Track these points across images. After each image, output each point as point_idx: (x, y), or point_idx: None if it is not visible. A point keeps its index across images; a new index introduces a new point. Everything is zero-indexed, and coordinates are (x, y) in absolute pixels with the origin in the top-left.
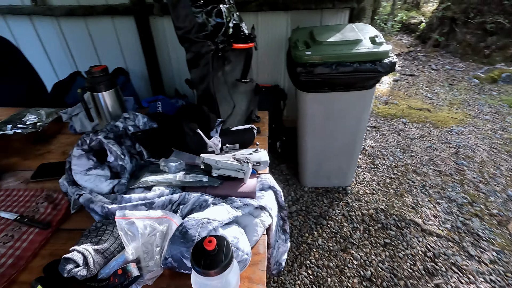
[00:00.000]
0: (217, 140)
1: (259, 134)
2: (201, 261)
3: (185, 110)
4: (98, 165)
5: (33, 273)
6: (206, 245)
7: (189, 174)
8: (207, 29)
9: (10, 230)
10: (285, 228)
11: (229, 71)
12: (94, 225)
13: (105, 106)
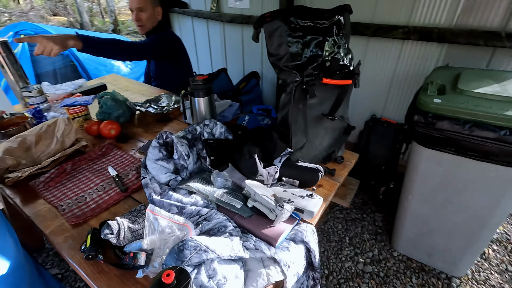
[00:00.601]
0: (273, 170)
1: (331, 177)
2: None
3: (256, 132)
4: (165, 158)
5: (96, 224)
6: (164, 278)
7: (228, 195)
8: (300, 60)
9: (106, 182)
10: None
11: (314, 105)
12: (139, 207)
13: (198, 109)
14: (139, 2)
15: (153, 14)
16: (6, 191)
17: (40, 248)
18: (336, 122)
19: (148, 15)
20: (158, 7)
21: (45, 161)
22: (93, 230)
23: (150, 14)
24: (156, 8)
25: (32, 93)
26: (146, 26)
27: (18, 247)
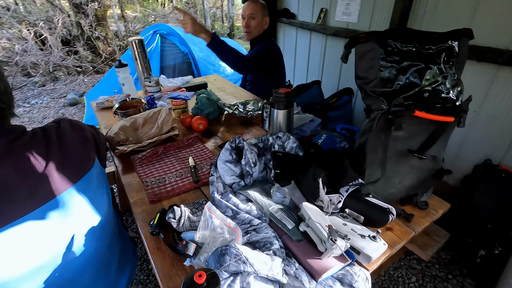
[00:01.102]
0: (336, 199)
1: (407, 222)
2: None
3: (328, 154)
4: (234, 161)
5: (167, 205)
6: (196, 279)
7: (283, 212)
8: (390, 86)
9: (184, 170)
10: None
11: (400, 138)
12: (201, 200)
13: (276, 120)
14: (251, 10)
15: (261, 22)
16: (115, 159)
17: (129, 210)
18: (425, 162)
19: (256, 23)
20: (266, 17)
21: (145, 141)
22: (162, 210)
23: (259, 22)
24: (264, 17)
25: (151, 83)
26: (253, 33)
27: (110, 207)
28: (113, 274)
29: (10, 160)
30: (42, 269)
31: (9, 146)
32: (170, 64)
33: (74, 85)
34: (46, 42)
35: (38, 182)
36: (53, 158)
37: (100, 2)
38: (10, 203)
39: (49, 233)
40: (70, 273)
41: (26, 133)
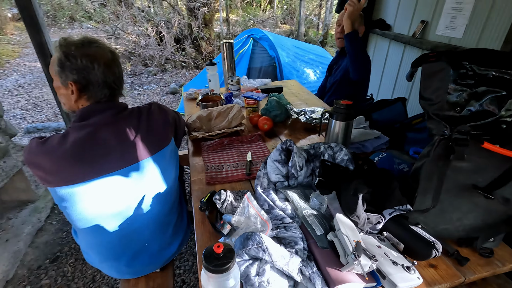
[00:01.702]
0: (375, 219)
1: (458, 265)
2: (209, 261)
3: (378, 173)
4: (282, 161)
5: (218, 189)
6: (215, 248)
7: (315, 218)
8: (459, 111)
9: (241, 163)
10: None
11: (465, 170)
12: (247, 191)
13: (332, 130)
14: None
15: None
16: (189, 142)
17: None
18: (493, 203)
19: None
20: (362, 26)
21: (215, 131)
22: (212, 192)
23: None
24: (360, 26)
25: (233, 82)
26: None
27: (176, 180)
28: (168, 236)
29: (113, 127)
30: (118, 215)
31: (114, 117)
32: (257, 66)
33: (177, 77)
34: (163, 39)
35: (128, 147)
36: (141, 131)
37: (209, 8)
38: (107, 160)
39: (128, 189)
40: (137, 224)
41: (126, 109)
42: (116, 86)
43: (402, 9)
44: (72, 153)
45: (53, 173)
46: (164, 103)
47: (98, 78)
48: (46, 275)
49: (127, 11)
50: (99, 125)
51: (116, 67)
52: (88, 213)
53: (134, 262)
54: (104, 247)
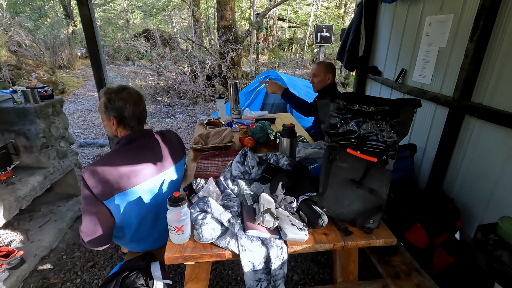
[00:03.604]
0: (289, 199)
1: (344, 236)
2: (171, 199)
3: (302, 172)
4: (241, 162)
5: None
6: (175, 194)
7: (250, 195)
8: (337, 130)
9: (223, 166)
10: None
11: (345, 168)
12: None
13: (281, 145)
14: (315, 70)
15: (324, 79)
16: (191, 153)
17: None
18: (365, 193)
19: (319, 80)
20: (329, 74)
21: (210, 145)
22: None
23: (321, 79)
24: (327, 74)
25: (235, 112)
26: (316, 87)
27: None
28: None
29: (148, 148)
30: (150, 192)
31: (147, 141)
32: (271, 102)
33: (205, 108)
34: (197, 76)
35: (161, 159)
36: (167, 148)
37: (236, 52)
38: (147, 169)
39: (159, 182)
40: (158, 203)
41: (153, 133)
42: (142, 117)
43: (389, 58)
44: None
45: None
46: (189, 130)
47: (130, 113)
48: (78, 250)
49: (169, 53)
50: (141, 147)
51: (141, 104)
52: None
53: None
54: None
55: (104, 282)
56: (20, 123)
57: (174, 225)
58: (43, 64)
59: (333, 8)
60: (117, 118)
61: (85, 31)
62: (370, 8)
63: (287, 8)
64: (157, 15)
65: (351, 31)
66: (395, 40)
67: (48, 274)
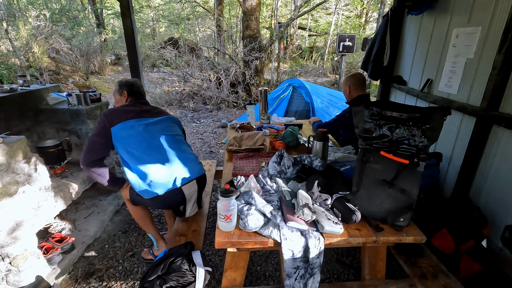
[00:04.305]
0: (325, 196)
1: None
2: (222, 191)
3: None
4: (277, 162)
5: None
6: (226, 186)
7: (288, 192)
8: (370, 134)
9: (257, 167)
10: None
11: (378, 170)
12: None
13: (314, 148)
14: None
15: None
16: (226, 154)
17: None
18: (396, 193)
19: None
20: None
21: (244, 147)
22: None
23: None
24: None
25: (264, 117)
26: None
27: (181, 137)
28: (188, 161)
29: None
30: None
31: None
32: (294, 109)
33: (228, 114)
34: (221, 83)
35: (153, 112)
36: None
37: (260, 60)
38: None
39: (152, 121)
40: (149, 133)
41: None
42: (142, 92)
43: (415, 68)
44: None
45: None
46: (214, 134)
47: (135, 88)
48: (118, 240)
49: (196, 61)
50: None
51: (140, 86)
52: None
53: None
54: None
55: (152, 265)
56: (73, 123)
57: (224, 214)
58: (78, 69)
59: (354, 18)
60: (127, 91)
61: (127, 40)
62: (396, 20)
63: (308, 17)
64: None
65: (376, 42)
66: (421, 51)
67: (93, 260)
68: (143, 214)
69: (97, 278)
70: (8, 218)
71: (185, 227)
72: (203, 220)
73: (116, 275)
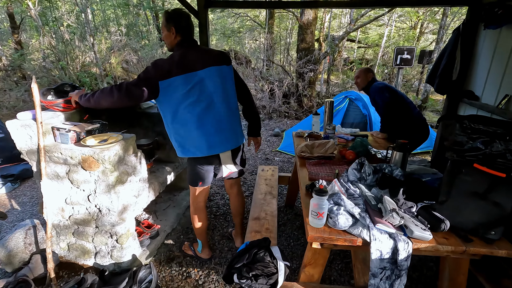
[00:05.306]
0: (410, 204)
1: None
2: (317, 190)
3: (419, 183)
4: (358, 169)
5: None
6: (320, 186)
7: (372, 197)
8: (462, 147)
9: (331, 173)
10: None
11: (469, 181)
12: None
13: (394, 157)
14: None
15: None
16: (298, 160)
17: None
18: (488, 205)
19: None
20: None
21: (316, 154)
22: (312, 183)
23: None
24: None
25: (330, 128)
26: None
27: (234, 95)
28: (236, 126)
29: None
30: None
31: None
32: (350, 121)
33: (280, 124)
34: (274, 94)
35: (204, 59)
36: (208, 53)
37: (314, 73)
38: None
39: (205, 75)
40: (216, 102)
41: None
42: (190, 29)
43: (489, 83)
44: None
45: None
46: (268, 142)
47: (184, 26)
48: (191, 233)
49: (252, 72)
50: (189, 48)
51: (190, 20)
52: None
53: (219, 134)
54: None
55: (237, 255)
56: (160, 125)
57: (317, 211)
58: None
59: (408, 29)
60: (175, 27)
61: None
62: (468, 33)
63: (357, 29)
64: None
65: (445, 56)
66: (498, 66)
67: (172, 248)
68: (203, 220)
69: (177, 263)
70: (119, 202)
71: (259, 225)
72: (274, 220)
73: (192, 263)
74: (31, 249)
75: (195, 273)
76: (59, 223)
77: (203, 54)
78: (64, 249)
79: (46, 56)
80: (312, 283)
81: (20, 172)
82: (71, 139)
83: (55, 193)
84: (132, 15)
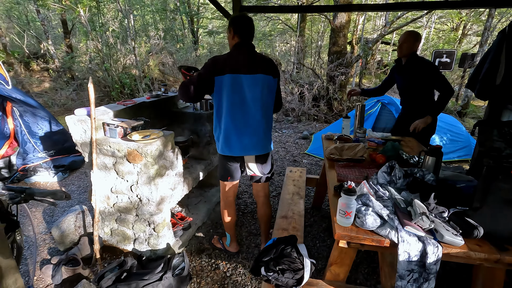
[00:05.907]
0: (441, 209)
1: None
2: (345, 190)
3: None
4: (387, 172)
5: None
6: (349, 187)
7: (401, 199)
8: (500, 153)
9: (360, 176)
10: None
11: (506, 189)
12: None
13: (426, 162)
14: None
15: (411, 46)
16: (326, 162)
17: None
18: None
19: (406, 47)
20: (417, 43)
21: (345, 157)
22: (340, 184)
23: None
24: (416, 43)
25: (360, 131)
26: (403, 53)
27: (270, 107)
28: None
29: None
30: (244, 85)
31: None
32: (382, 126)
33: (308, 126)
34: (304, 97)
35: (253, 65)
36: (259, 60)
37: (346, 76)
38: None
39: (250, 81)
40: (250, 108)
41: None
42: (249, 33)
43: None
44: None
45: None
46: (296, 145)
47: (242, 29)
48: (220, 228)
49: (282, 75)
50: (243, 51)
51: (250, 24)
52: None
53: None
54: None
55: (264, 249)
56: (195, 124)
57: (345, 210)
58: (179, 80)
59: (448, 31)
60: (233, 29)
61: None
62: None
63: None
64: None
65: (487, 60)
66: None
67: (202, 240)
68: (232, 215)
69: (207, 255)
70: (158, 193)
71: (286, 223)
72: (301, 220)
73: (221, 255)
74: (80, 231)
75: (223, 265)
76: (104, 210)
77: (254, 59)
78: (108, 233)
79: (92, 59)
80: (337, 282)
81: (70, 164)
82: (119, 134)
83: (102, 183)
84: (169, 20)
